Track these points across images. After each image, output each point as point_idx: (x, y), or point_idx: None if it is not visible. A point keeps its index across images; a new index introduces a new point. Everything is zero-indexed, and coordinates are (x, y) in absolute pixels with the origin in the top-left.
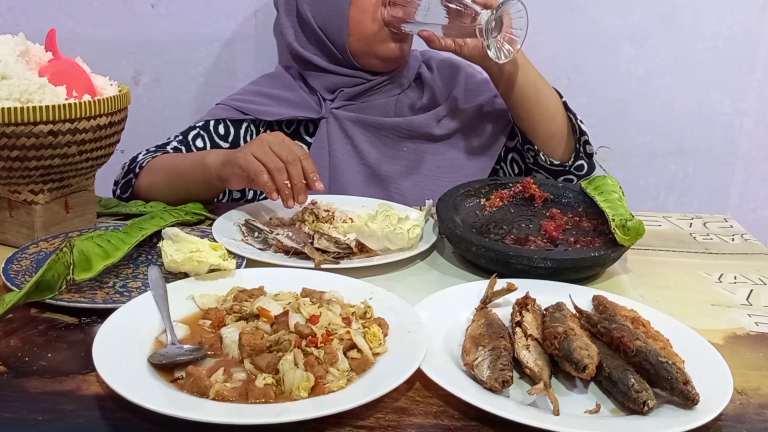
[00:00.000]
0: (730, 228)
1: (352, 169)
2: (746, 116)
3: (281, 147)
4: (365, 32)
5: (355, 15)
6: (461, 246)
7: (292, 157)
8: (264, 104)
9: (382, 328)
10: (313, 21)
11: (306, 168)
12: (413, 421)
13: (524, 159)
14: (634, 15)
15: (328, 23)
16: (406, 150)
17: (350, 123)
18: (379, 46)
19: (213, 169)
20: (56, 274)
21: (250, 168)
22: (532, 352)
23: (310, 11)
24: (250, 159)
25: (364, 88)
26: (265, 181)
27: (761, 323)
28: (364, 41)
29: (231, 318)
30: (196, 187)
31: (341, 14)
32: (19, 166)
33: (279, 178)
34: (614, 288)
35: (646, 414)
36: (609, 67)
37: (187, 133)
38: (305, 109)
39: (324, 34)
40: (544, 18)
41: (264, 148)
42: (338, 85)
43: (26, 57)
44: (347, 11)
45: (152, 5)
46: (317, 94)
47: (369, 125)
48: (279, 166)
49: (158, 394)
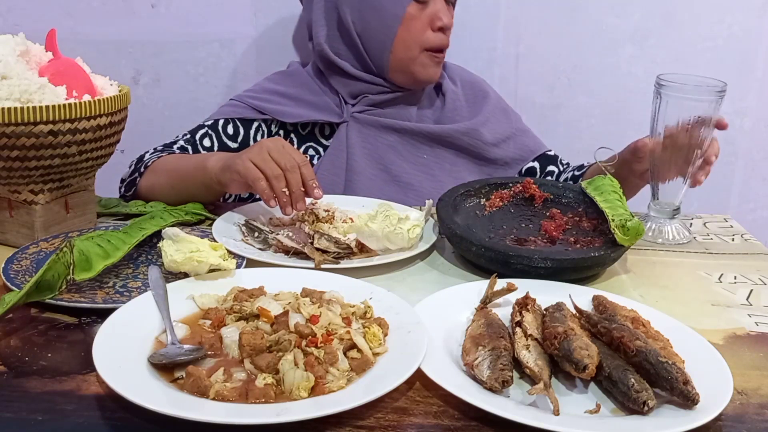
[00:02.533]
0: (730, 228)
1: (369, 173)
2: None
3: (280, 154)
4: (408, 53)
5: (402, 33)
6: (461, 246)
7: (291, 164)
8: (282, 104)
9: (382, 328)
10: (353, 27)
11: (305, 175)
12: (413, 421)
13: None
14: (634, 15)
15: (371, 34)
16: (426, 157)
17: (372, 127)
18: (418, 68)
19: (213, 174)
20: (56, 274)
21: (248, 175)
22: (532, 352)
23: (351, 15)
24: (249, 165)
25: (388, 97)
26: (263, 188)
27: (761, 323)
28: (405, 61)
29: (231, 318)
30: (197, 190)
31: (389, 31)
32: (19, 166)
33: (277, 186)
34: (614, 288)
35: (646, 414)
36: (609, 67)
37: (195, 132)
38: (326, 111)
39: (362, 43)
40: (544, 18)
41: (263, 154)
42: (363, 91)
43: (26, 57)
44: (396, 30)
45: (152, 5)
46: (338, 96)
47: (392, 129)
48: (277, 174)
49: (158, 394)
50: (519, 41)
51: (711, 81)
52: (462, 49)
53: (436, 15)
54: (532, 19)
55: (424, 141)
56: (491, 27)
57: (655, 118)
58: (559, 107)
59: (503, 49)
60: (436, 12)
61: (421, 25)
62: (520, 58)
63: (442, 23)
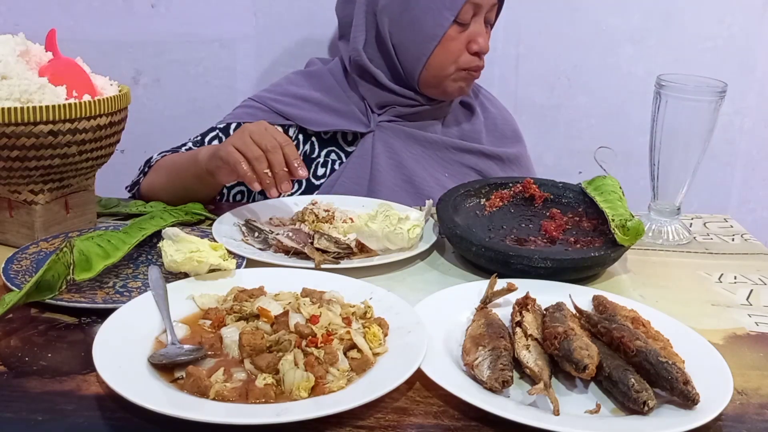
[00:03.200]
0: (730, 228)
1: (391, 182)
2: (746, 116)
3: (262, 136)
4: (442, 71)
5: (439, 53)
6: (461, 246)
7: (272, 144)
8: (306, 109)
9: (382, 328)
10: (389, 38)
11: (287, 155)
12: (413, 421)
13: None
14: (635, 15)
15: (407, 48)
16: (447, 176)
17: (398, 138)
18: (450, 84)
19: (203, 164)
20: (56, 274)
21: (229, 159)
22: (532, 352)
23: (389, 26)
24: (230, 150)
25: (416, 110)
26: (244, 171)
27: (761, 323)
28: (438, 78)
29: (231, 318)
30: (192, 184)
31: (425, 48)
32: (19, 166)
33: (258, 167)
34: (614, 288)
35: (646, 414)
36: (609, 67)
37: (206, 135)
38: (352, 120)
39: (396, 55)
40: (544, 18)
41: (244, 138)
42: (391, 102)
43: (26, 57)
44: (432, 49)
45: (152, 5)
46: (365, 104)
47: (417, 141)
48: (258, 155)
49: (158, 394)
50: (519, 41)
51: (711, 81)
52: None
53: (474, 39)
54: (532, 20)
55: (447, 154)
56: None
57: (655, 119)
58: (559, 107)
59: (503, 49)
60: (475, 36)
61: (459, 46)
62: (520, 59)
63: (478, 47)
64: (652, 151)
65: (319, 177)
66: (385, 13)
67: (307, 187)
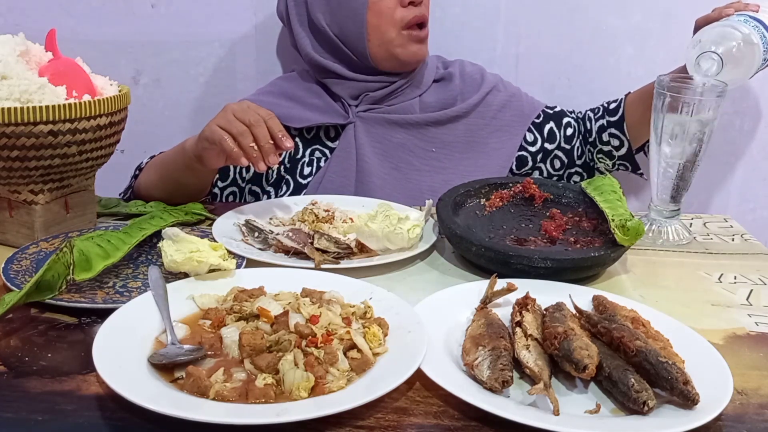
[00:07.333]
0: (730, 228)
1: (381, 172)
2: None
3: (244, 112)
4: (384, 37)
5: (372, 20)
6: (461, 246)
7: (255, 119)
8: (289, 107)
9: (382, 328)
10: (329, 29)
11: (272, 127)
12: (413, 421)
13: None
14: (635, 15)
15: (346, 30)
16: (435, 150)
17: (379, 125)
18: (400, 50)
19: (190, 150)
20: (56, 274)
21: (214, 138)
22: (532, 352)
23: (324, 19)
24: (214, 128)
25: (388, 91)
26: (230, 147)
27: (761, 323)
28: (384, 46)
29: (231, 318)
30: (183, 176)
31: (358, 19)
32: (19, 166)
33: (244, 142)
34: (614, 288)
35: (646, 414)
36: (609, 67)
37: None
38: (332, 114)
39: (341, 42)
40: (544, 18)
41: (227, 116)
42: (362, 90)
43: (26, 57)
44: (364, 16)
45: (152, 5)
46: (341, 100)
47: (399, 125)
48: (242, 130)
49: (158, 394)
50: (519, 41)
51: (711, 81)
52: (462, 49)
53: None
54: (532, 19)
55: (431, 131)
56: (491, 27)
57: (655, 119)
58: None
59: (503, 49)
60: None
61: (389, 4)
62: (520, 58)
63: None
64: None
65: (306, 176)
66: (317, 9)
67: (294, 186)
